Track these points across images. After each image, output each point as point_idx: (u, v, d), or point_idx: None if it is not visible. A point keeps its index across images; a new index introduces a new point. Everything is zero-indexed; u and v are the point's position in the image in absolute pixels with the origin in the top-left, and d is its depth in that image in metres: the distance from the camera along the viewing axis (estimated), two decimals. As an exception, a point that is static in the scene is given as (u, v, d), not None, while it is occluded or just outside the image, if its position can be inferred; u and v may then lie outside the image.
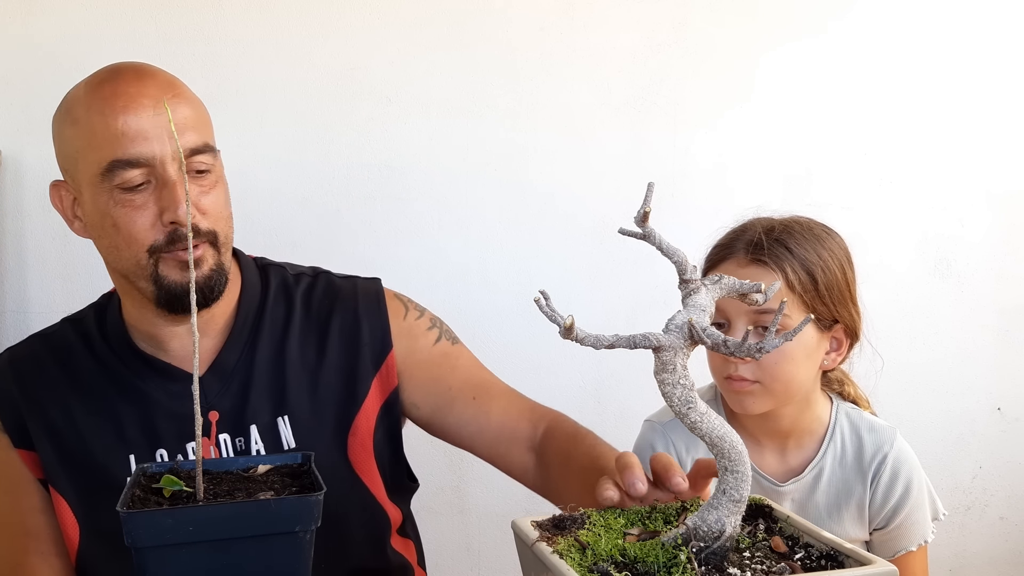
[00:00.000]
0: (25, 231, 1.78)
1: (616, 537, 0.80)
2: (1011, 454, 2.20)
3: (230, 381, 1.22)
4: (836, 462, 1.34)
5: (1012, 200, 2.12)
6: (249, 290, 1.26)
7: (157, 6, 1.77)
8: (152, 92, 1.11)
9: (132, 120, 1.08)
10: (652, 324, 0.86)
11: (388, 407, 1.27)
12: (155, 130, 1.09)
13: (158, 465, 0.89)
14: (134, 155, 1.08)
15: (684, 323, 0.77)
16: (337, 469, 1.23)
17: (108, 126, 1.08)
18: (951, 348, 2.13)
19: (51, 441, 1.19)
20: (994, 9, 2.07)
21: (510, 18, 1.89)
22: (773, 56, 2.00)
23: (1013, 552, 2.23)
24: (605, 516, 0.86)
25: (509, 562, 2.16)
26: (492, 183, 1.92)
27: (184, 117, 1.12)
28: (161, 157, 1.09)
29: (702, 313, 0.78)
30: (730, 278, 0.81)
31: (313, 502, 0.80)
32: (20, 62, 1.74)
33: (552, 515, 0.85)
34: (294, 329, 1.26)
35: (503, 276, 1.94)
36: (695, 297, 0.79)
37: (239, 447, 1.21)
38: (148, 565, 0.77)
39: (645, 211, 0.76)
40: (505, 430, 1.26)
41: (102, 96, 1.11)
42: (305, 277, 1.31)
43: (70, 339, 1.25)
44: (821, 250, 1.29)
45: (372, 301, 1.29)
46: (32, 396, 1.21)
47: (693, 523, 0.77)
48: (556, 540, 0.79)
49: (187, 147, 1.11)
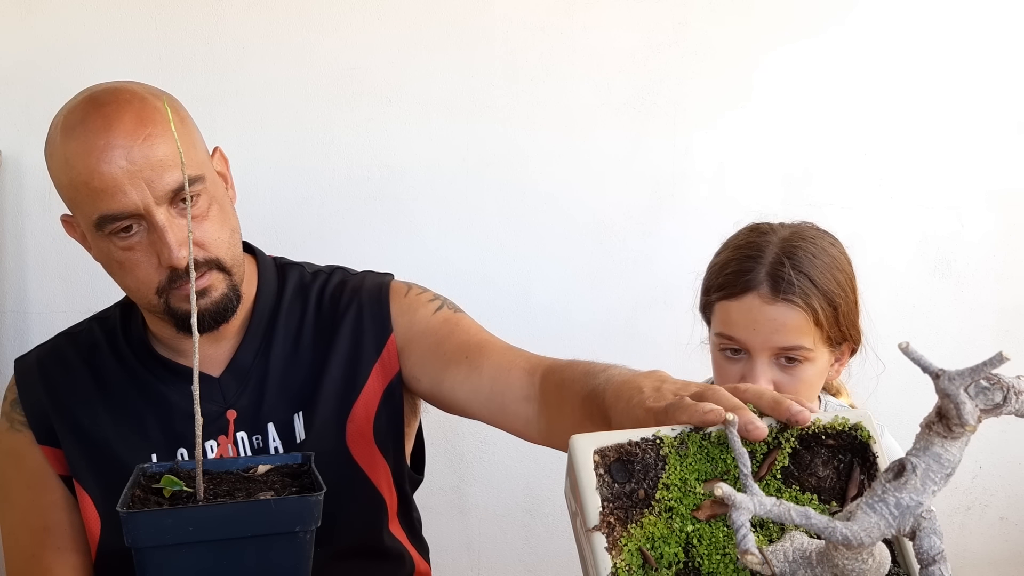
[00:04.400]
0: (25, 231, 1.78)
1: (687, 515, 0.67)
2: (1011, 454, 2.20)
3: (247, 380, 1.24)
4: None
5: (1012, 200, 2.12)
6: (265, 290, 1.28)
7: (157, 7, 1.77)
8: (121, 140, 1.06)
9: (106, 174, 1.05)
10: (652, 324, 0.86)
11: (390, 392, 1.28)
12: (131, 179, 1.05)
13: (158, 465, 0.89)
14: (116, 210, 1.07)
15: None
16: (335, 454, 1.24)
17: (85, 183, 1.07)
18: (951, 348, 2.13)
19: (76, 437, 1.21)
20: (993, 9, 2.07)
21: (510, 18, 1.89)
22: (773, 56, 2.00)
23: (1013, 552, 2.23)
24: (683, 458, 0.70)
25: (509, 562, 2.17)
26: (492, 183, 1.92)
27: (161, 157, 1.07)
28: (144, 204, 1.07)
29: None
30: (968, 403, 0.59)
31: (313, 502, 0.80)
32: (20, 62, 1.74)
33: (619, 443, 0.69)
34: (307, 326, 1.28)
35: (503, 276, 1.94)
36: (912, 480, 0.59)
37: (256, 445, 1.23)
38: (148, 565, 0.77)
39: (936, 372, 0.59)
40: (498, 383, 1.17)
41: (74, 152, 1.07)
42: (321, 274, 1.33)
43: (96, 338, 1.27)
44: (838, 274, 1.29)
45: (375, 291, 1.30)
46: (58, 394, 1.23)
47: (780, 571, 0.63)
48: (617, 540, 0.66)
49: (167, 189, 1.07)
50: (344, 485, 1.23)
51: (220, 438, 1.22)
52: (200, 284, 1.13)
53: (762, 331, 1.23)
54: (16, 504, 1.24)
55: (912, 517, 0.58)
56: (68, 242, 1.81)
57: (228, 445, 1.22)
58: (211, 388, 1.22)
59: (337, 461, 1.24)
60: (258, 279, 1.28)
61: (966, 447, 0.59)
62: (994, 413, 0.58)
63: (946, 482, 0.59)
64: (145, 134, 1.07)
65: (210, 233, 1.14)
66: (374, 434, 1.27)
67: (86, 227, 1.14)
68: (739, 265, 1.29)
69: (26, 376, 1.26)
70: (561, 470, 0.74)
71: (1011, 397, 0.57)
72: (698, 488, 0.69)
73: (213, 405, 1.22)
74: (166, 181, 1.07)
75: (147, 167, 1.06)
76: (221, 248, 1.15)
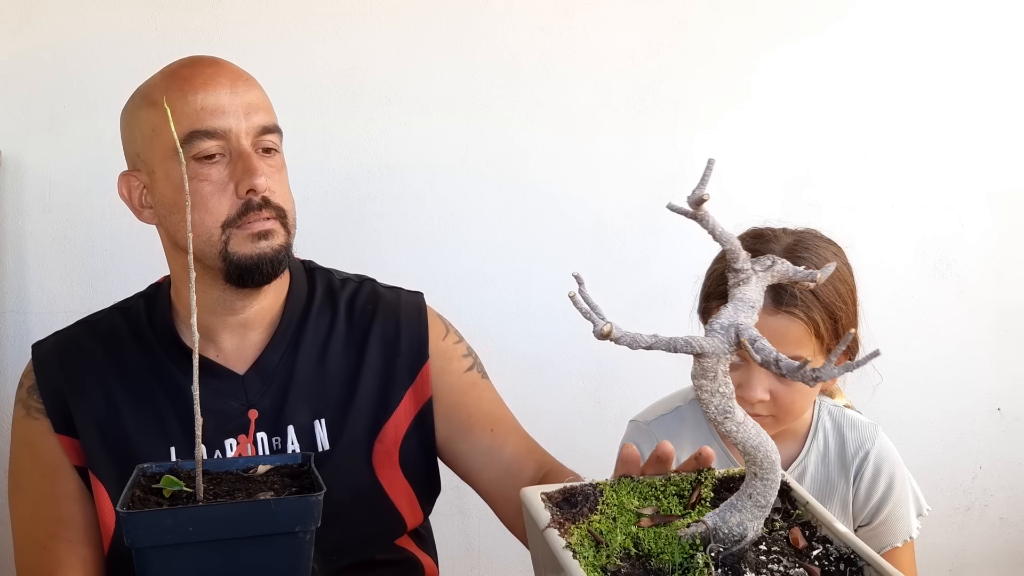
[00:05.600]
0: (25, 231, 1.78)
1: (630, 522, 0.78)
2: (1011, 454, 2.20)
3: (271, 381, 1.23)
4: (819, 460, 1.35)
5: (1012, 200, 2.12)
6: (296, 291, 1.28)
7: (157, 7, 1.77)
8: (228, 74, 1.18)
9: (210, 96, 1.14)
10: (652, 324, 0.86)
11: (422, 417, 1.28)
12: (231, 107, 1.15)
13: (158, 465, 0.89)
14: (211, 127, 1.13)
15: (730, 325, 0.72)
16: (360, 472, 1.24)
17: (187, 102, 1.14)
18: (951, 348, 2.13)
19: (94, 426, 1.20)
20: (993, 9, 2.07)
21: (510, 18, 1.89)
22: (773, 56, 2.00)
23: (1013, 552, 2.23)
24: (618, 491, 0.83)
25: (509, 562, 2.17)
26: (492, 183, 1.92)
27: (256, 98, 1.18)
28: (236, 131, 1.15)
29: (751, 311, 0.73)
30: (783, 263, 0.75)
31: (313, 502, 0.80)
32: (20, 62, 1.75)
33: (563, 486, 0.82)
34: (337, 333, 1.27)
35: (503, 276, 1.95)
36: (743, 289, 0.73)
37: (276, 446, 1.22)
38: (148, 565, 0.77)
39: (700, 196, 0.70)
40: (514, 466, 1.27)
41: (181, 77, 1.16)
42: (350, 283, 1.33)
43: (118, 326, 1.25)
44: (840, 285, 1.28)
45: (414, 313, 1.31)
46: (77, 381, 1.21)
47: (713, 523, 0.75)
48: (569, 529, 0.77)
49: (259, 124, 1.17)
50: (365, 503, 1.23)
51: (240, 437, 1.21)
52: (265, 226, 1.16)
53: (760, 328, 1.23)
54: (29, 494, 1.22)
55: (735, 330, 0.72)
56: (68, 242, 1.82)
57: (248, 445, 1.21)
58: (235, 385, 1.22)
59: (361, 480, 1.24)
60: (290, 279, 1.28)
61: (762, 289, 0.74)
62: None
63: (754, 312, 0.74)
64: (245, 78, 1.20)
65: (280, 185, 1.20)
66: (400, 457, 1.27)
67: (163, 155, 1.14)
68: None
69: (44, 361, 1.24)
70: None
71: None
72: (634, 503, 0.82)
73: (235, 403, 1.21)
74: (259, 118, 1.17)
75: (245, 102, 1.16)
76: (288, 203, 1.20)
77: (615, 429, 1.48)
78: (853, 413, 1.40)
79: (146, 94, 1.19)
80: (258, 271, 1.16)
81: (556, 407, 1.98)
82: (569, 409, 2.00)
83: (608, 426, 1.95)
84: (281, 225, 1.18)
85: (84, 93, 1.76)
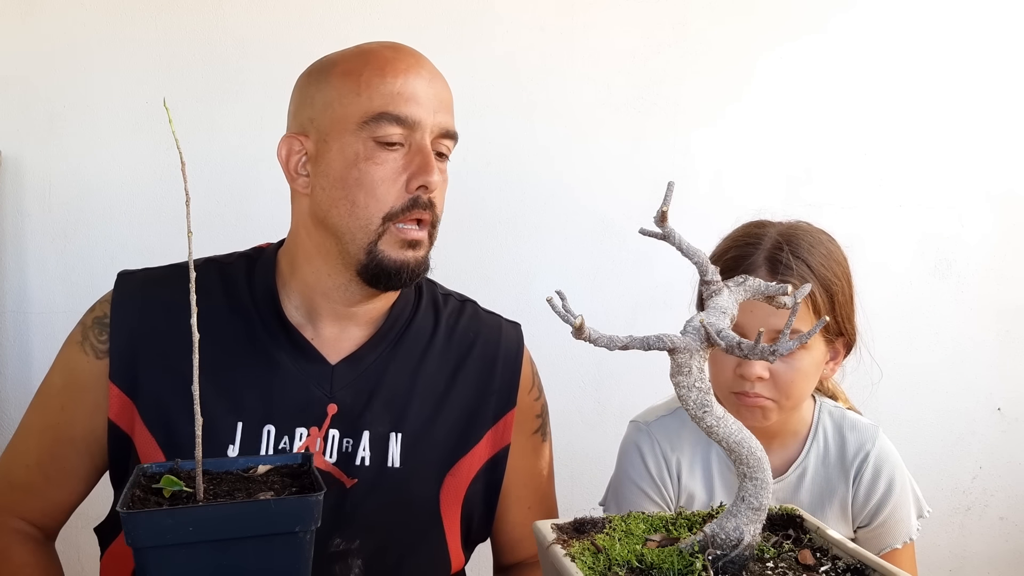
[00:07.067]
0: (25, 231, 1.78)
1: (636, 543, 0.79)
2: (1011, 454, 2.20)
3: (360, 379, 1.17)
4: (819, 461, 1.35)
5: (1012, 200, 2.12)
6: (405, 295, 1.24)
7: (157, 6, 1.77)
8: (428, 68, 1.15)
9: (411, 82, 1.12)
10: (652, 325, 0.86)
11: (494, 463, 1.25)
12: (427, 99, 1.12)
13: (158, 465, 0.89)
14: (403, 113, 1.10)
15: (701, 324, 0.75)
16: (426, 501, 1.20)
17: (386, 82, 1.11)
18: (951, 348, 2.13)
19: (160, 381, 1.12)
20: (994, 9, 2.07)
21: (510, 19, 1.89)
22: (772, 56, 2.00)
23: (1013, 552, 2.23)
24: (627, 522, 0.84)
25: None
26: (492, 183, 1.92)
27: (448, 99, 1.17)
28: (423, 124, 1.12)
29: (723, 316, 0.76)
30: (755, 280, 0.79)
31: (313, 502, 0.79)
32: (20, 62, 1.75)
33: (574, 518, 0.84)
34: (435, 348, 1.23)
35: (503, 276, 1.94)
36: (717, 299, 0.77)
37: (346, 448, 1.15)
38: (148, 565, 0.77)
39: (663, 211, 0.74)
40: (523, 543, 1.31)
41: (383, 58, 1.13)
42: (453, 299, 1.30)
43: (212, 280, 1.18)
44: (834, 264, 1.29)
45: (512, 351, 1.28)
46: (154, 323, 1.14)
47: (711, 530, 0.75)
48: (571, 544, 0.78)
49: (444, 126, 1.15)
50: (422, 535, 1.20)
51: (312, 429, 1.14)
52: (418, 236, 1.13)
53: (759, 313, 1.23)
54: (46, 413, 1.17)
55: (704, 325, 0.75)
56: (68, 242, 1.82)
57: (318, 439, 1.14)
58: (323, 373, 1.16)
59: (424, 509, 1.20)
60: None
61: (735, 301, 0.79)
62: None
63: (726, 318, 0.78)
64: (441, 77, 1.17)
65: (442, 194, 1.17)
66: (465, 496, 1.23)
67: (342, 128, 1.10)
68: (738, 251, 1.31)
69: (126, 295, 1.16)
70: (562, 471, 0.80)
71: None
72: (641, 528, 0.83)
73: (318, 391, 1.15)
74: (446, 119, 1.16)
75: (439, 99, 1.14)
76: (441, 214, 1.17)
77: (615, 429, 1.48)
78: (853, 414, 1.40)
79: (337, 62, 1.14)
80: (397, 277, 1.13)
81: (556, 407, 1.97)
82: (569, 409, 2.00)
83: (608, 426, 1.95)
84: (428, 237, 1.15)
85: (84, 93, 1.77)
